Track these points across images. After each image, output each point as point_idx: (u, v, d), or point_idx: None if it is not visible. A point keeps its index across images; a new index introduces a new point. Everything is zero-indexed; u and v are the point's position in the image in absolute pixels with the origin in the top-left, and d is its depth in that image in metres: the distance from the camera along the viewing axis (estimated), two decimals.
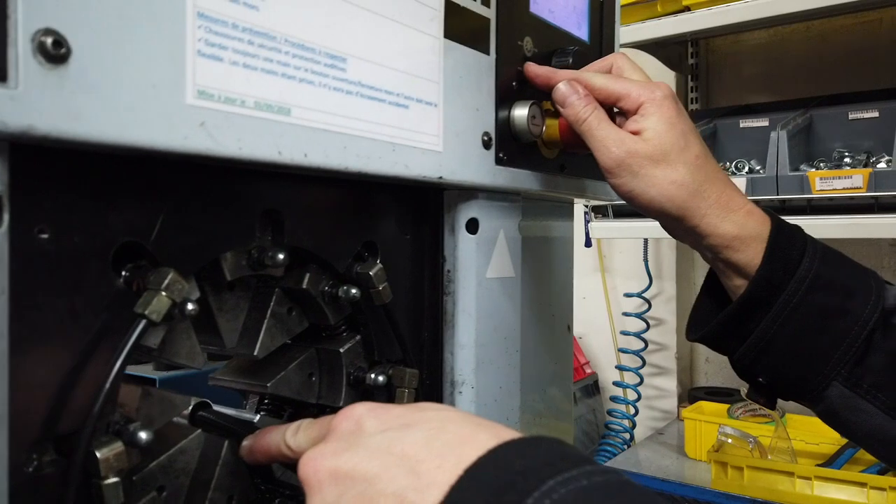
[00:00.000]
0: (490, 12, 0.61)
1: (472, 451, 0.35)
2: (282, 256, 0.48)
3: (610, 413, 1.96)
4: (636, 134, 0.60)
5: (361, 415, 0.41)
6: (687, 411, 1.63)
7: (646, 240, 1.92)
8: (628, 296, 1.96)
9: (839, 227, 1.31)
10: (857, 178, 1.29)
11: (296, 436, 0.45)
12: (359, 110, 0.48)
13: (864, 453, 1.34)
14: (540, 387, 0.77)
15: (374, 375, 0.57)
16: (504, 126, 0.63)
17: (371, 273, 0.54)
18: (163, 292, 0.40)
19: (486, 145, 0.60)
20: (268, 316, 0.52)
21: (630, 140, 0.60)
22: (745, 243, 0.60)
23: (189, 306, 0.41)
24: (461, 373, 0.64)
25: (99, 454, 0.38)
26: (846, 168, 1.41)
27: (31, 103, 0.31)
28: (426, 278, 0.64)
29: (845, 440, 1.34)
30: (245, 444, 0.48)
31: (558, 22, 0.70)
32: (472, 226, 0.63)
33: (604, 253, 2.11)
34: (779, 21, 1.64)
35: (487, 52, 0.61)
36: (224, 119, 0.39)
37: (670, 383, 2.01)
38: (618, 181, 0.60)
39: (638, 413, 1.91)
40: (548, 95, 0.63)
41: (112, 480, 0.38)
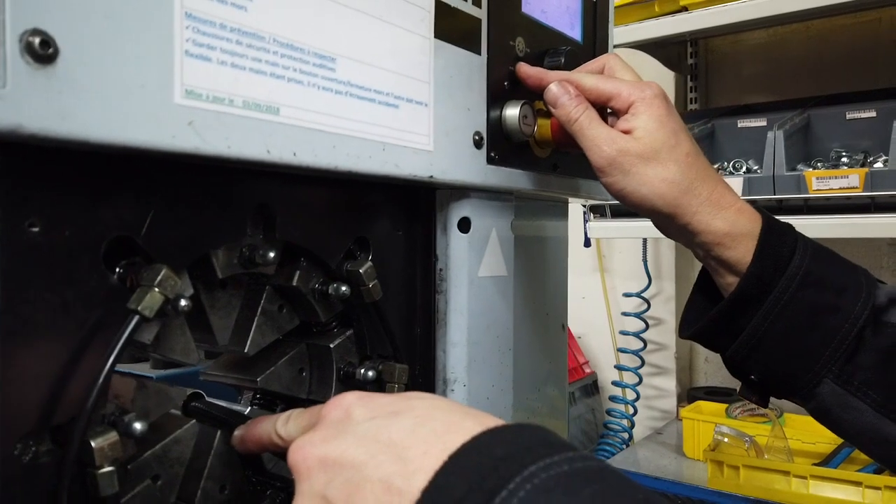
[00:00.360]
0: (481, 12, 0.61)
1: (457, 438, 0.35)
2: (272, 254, 0.49)
3: (609, 413, 1.97)
4: (627, 133, 0.60)
5: (350, 403, 0.41)
6: (685, 411, 1.63)
7: (645, 239, 1.92)
8: (627, 295, 1.96)
9: (836, 226, 1.32)
10: (854, 177, 1.30)
11: (286, 425, 0.46)
12: (348, 110, 0.49)
13: (861, 453, 1.34)
14: (534, 385, 0.77)
15: (363, 371, 0.58)
16: (496, 126, 0.63)
17: (361, 270, 0.55)
18: (156, 288, 0.40)
19: (478, 145, 0.61)
20: (258, 313, 0.52)
21: (621, 139, 0.60)
22: (736, 240, 0.61)
23: (182, 302, 0.42)
24: (453, 371, 0.64)
25: (94, 444, 0.39)
26: (843, 168, 1.41)
27: (19, 103, 0.31)
28: (418, 276, 0.64)
29: (842, 440, 1.34)
30: (237, 433, 0.49)
31: (551, 22, 0.70)
32: (464, 225, 0.64)
33: (603, 253, 2.11)
34: (776, 21, 1.64)
35: (479, 53, 0.61)
36: (212, 118, 0.40)
37: (669, 383, 2.01)
38: (610, 180, 0.61)
39: (637, 413, 1.91)
40: (540, 95, 0.64)
41: (107, 469, 0.39)
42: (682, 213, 0.60)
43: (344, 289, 0.54)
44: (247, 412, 0.57)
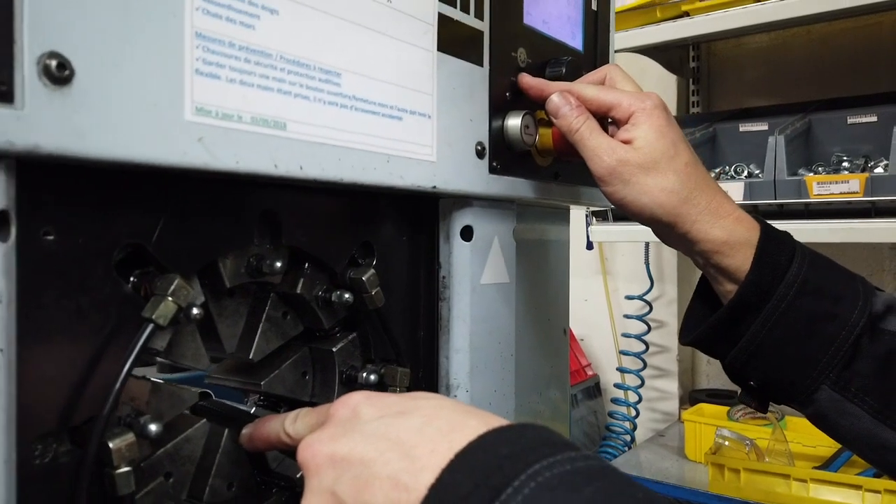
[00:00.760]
0: (483, 25, 0.62)
1: (463, 437, 0.36)
2: (279, 264, 0.50)
3: (611, 415, 1.97)
4: (627, 143, 0.61)
5: (358, 402, 0.42)
6: (687, 413, 1.64)
7: (647, 243, 1.92)
8: (629, 298, 1.97)
9: (836, 231, 1.32)
10: (854, 182, 1.30)
11: (294, 423, 0.47)
12: (353, 123, 0.50)
13: None
14: (536, 389, 0.78)
15: (366, 374, 0.59)
16: (498, 136, 0.64)
17: (364, 278, 0.56)
18: (169, 297, 0.42)
19: (480, 155, 0.62)
20: (263, 320, 0.53)
21: (621, 149, 0.61)
22: (734, 248, 0.62)
23: (194, 310, 0.43)
24: (456, 376, 0.65)
25: (112, 445, 0.40)
26: (844, 172, 1.42)
27: (36, 123, 0.32)
28: (422, 283, 0.65)
29: None
30: (245, 432, 0.50)
31: (552, 32, 0.71)
32: (467, 233, 0.65)
33: (605, 256, 2.12)
34: (777, 26, 1.65)
35: (481, 64, 0.62)
36: (221, 134, 0.41)
37: (671, 385, 2.02)
38: (610, 189, 0.62)
39: (639, 415, 1.92)
40: (541, 105, 0.65)
41: (124, 470, 0.40)
42: (682, 221, 0.61)
43: (347, 296, 0.55)
44: (252, 412, 0.58)
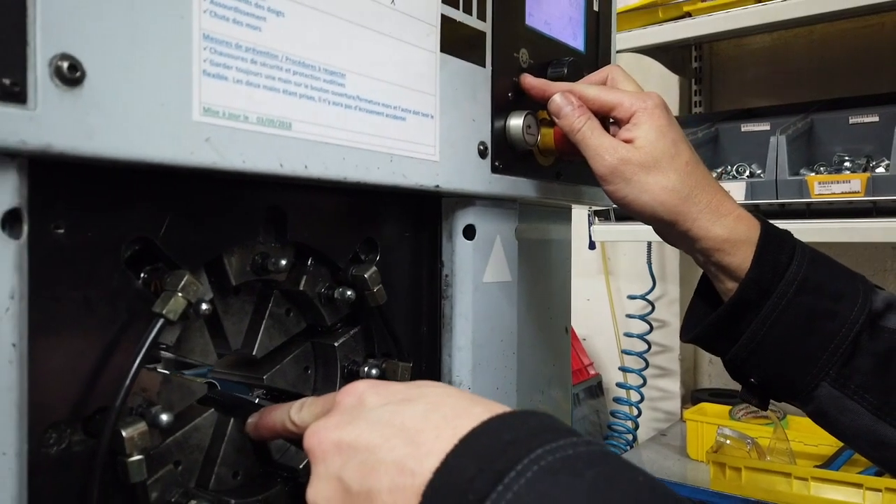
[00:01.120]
0: (486, 26, 0.63)
1: (467, 423, 0.37)
2: (284, 262, 0.51)
3: (613, 414, 1.98)
4: (629, 142, 0.62)
5: (363, 391, 0.43)
6: (689, 413, 1.64)
7: (649, 243, 1.93)
8: (632, 298, 1.97)
9: (837, 230, 1.32)
10: (856, 182, 1.31)
11: (300, 412, 0.47)
12: (357, 123, 0.51)
13: None
14: (538, 387, 0.79)
15: (367, 369, 0.59)
16: (500, 135, 0.65)
17: (366, 275, 0.56)
18: (179, 293, 0.43)
19: (482, 154, 0.62)
20: (266, 316, 0.54)
21: (623, 148, 0.62)
22: (735, 247, 0.62)
23: (203, 306, 0.44)
24: (458, 374, 0.66)
25: (124, 433, 0.41)
26: (845, 172, 1.42)
27: (48, 123, 0.33)
28: (424, 281, 0.66)
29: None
30: (251, 420, 0.51)
31: (554, 33, 0.72)
32: (469, 232, 0.65)
33: (608, 255, 2.12)
34: (779, 27, 1.65)
35: (483, 65, 0.63)
36: (228, 134, 0.42)
37: (673, 385, 2.02)
38: (612, 188, 0.62)
39: (641, 414, 1.92)
40: (543, 105, 0.65)
41: (136, 458, 0.41)
42: (683, 220, 0.62)
43: (349, 293, 0.56)
44: (256, 402, 0.59)
